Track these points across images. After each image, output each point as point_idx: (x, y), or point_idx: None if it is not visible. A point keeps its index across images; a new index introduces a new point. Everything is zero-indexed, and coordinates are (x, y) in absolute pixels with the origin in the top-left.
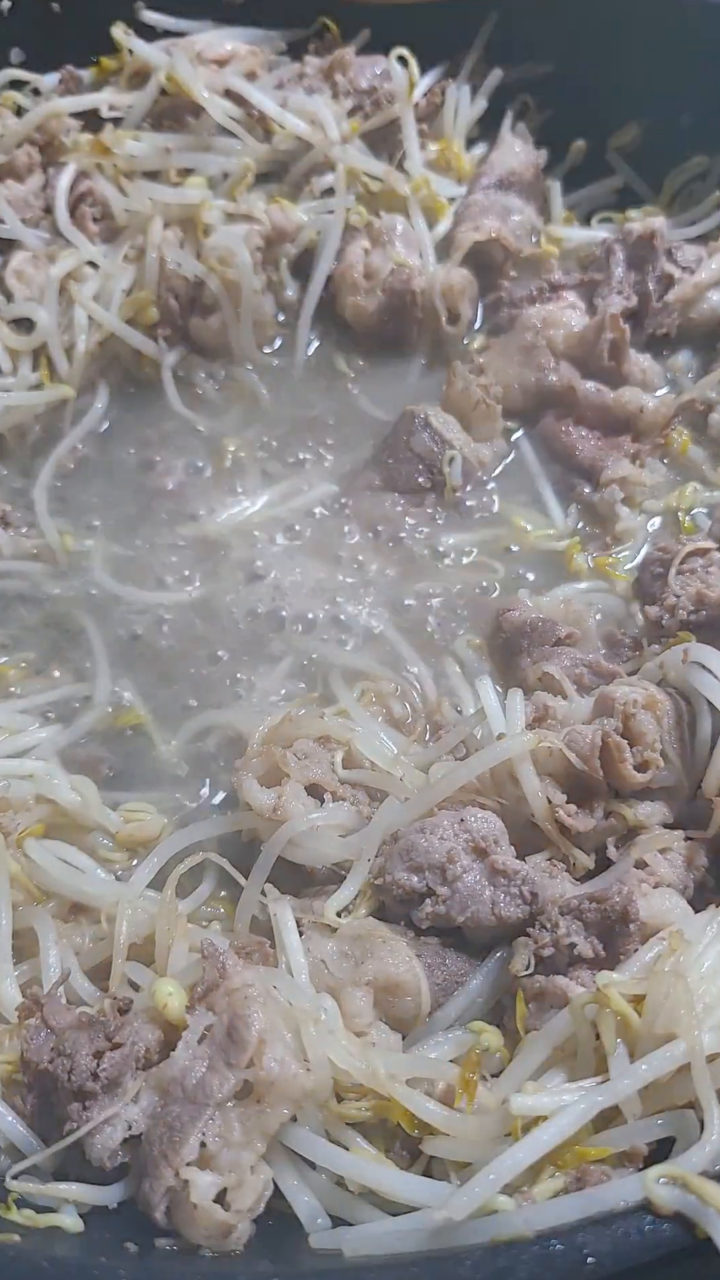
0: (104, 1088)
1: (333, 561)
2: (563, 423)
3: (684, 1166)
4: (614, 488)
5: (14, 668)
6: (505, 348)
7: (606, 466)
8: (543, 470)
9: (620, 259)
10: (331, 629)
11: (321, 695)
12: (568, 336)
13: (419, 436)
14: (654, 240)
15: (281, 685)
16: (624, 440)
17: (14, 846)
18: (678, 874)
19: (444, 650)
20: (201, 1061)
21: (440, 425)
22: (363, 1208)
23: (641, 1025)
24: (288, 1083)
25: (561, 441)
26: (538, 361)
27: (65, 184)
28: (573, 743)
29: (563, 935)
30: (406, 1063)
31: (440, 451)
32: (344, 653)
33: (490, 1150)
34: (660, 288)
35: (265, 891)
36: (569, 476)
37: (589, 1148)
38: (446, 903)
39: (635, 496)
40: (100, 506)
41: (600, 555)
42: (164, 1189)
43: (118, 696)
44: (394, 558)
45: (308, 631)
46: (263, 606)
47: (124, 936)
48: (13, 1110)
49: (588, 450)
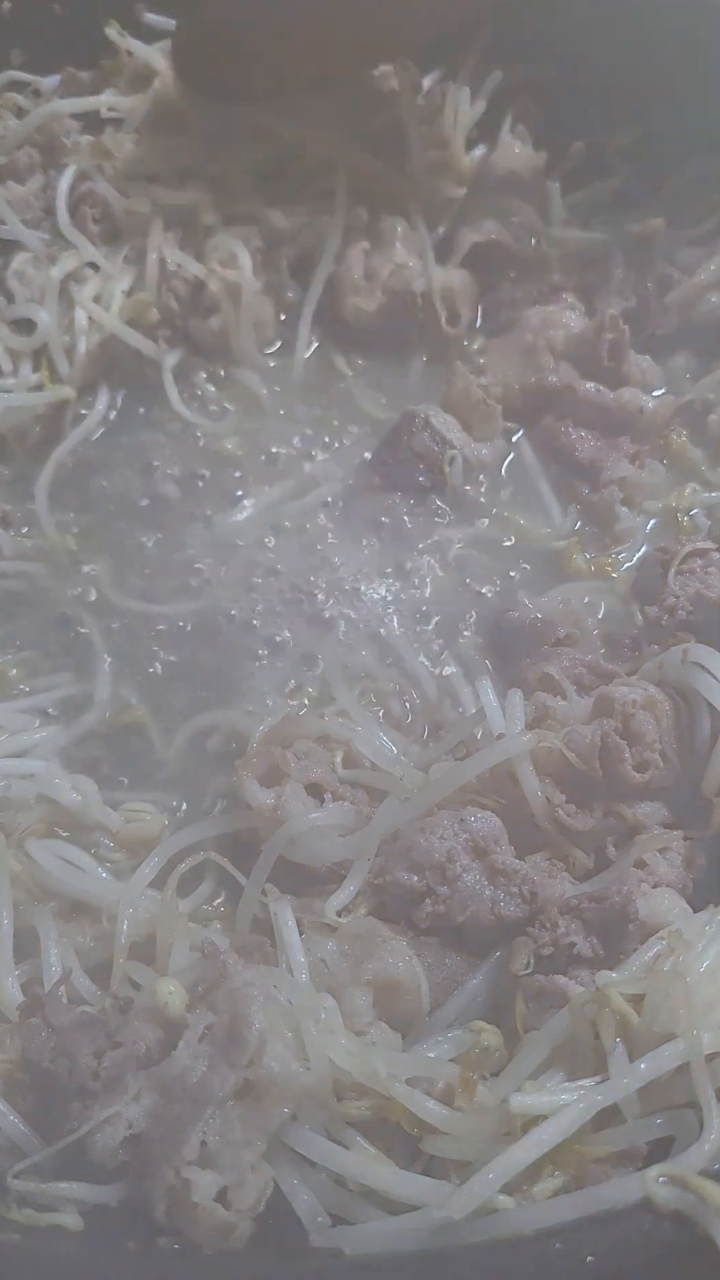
0: (104, 1087)
1: (333, 562)
2: (562, 423)
3: (683, 1166)
4: (613, 488)
5: (14, 668)
6: (505, 349)
7: (606, 467)
8: (542, 470)
9: (619, 260)
10: (332, 629)
11: (321, 695)
12: (567, 338)
13: (419, 437)
14: (653, 242)
15: (282, 685)
16: (623, 441)
17: (15, 846)
18: (677, 873)
19: (444, 650)
20: (202, 1060)
21: (441, 425)
22: (362, 1206)
23: (641, 1024)
24: (288, 1082)
25: (560, 441)
26: (538, 362)
27: (66, 186)
28: (572, 743)
29: (562, 935)
30: (406, 1062)
31: (441, 452)
32: (344, 652)
33: (490, 1149)
34: (659, 289)
35: (266, 891)
36: (568, 476)
37: (588, 1147)
38: (446, 902)
39: (635, 497)
40: (100, 507)
41: (599, 555)
42: (164, 1188)
43: (118, 696)
44: (394, 558)
45: (308, 631)
46: (262, 606)
47: (125, 935)
48: (14, 1110)
49: (587, 450)
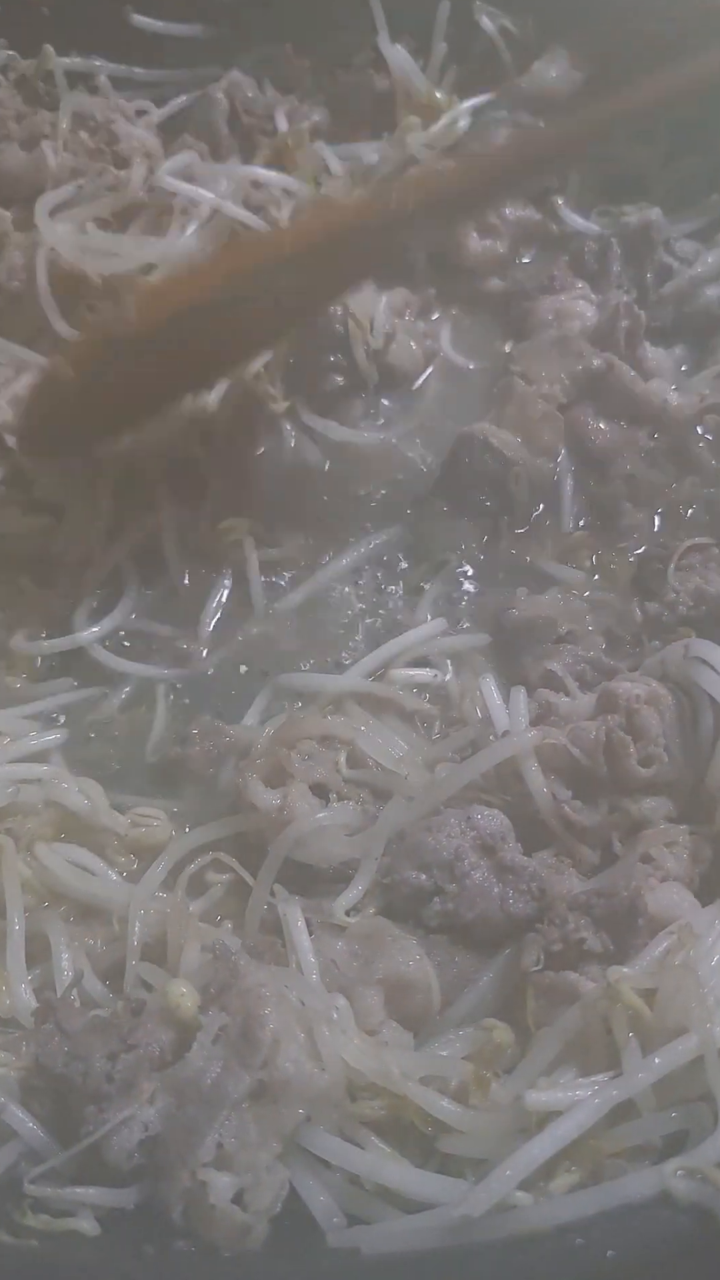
0: (119, 1090)
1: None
2: (583, 411)
3: (700, 1159)
4: (619, 483)
5: (20, 672)
6: (537, 348)
7: (616, 461)
8: (569, 468)
9: (617, 253)
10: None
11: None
12: (583, 329)
13: (480, 459)
14: (650, 233)
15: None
16: (640, 434)
17: (24, 851)
18: (683, 868)
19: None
20: (216, 1062)
21: (500, 444)
22: (378, 1206)
23: (653, 1019)
24: (302, 1083)
25: (577, 432)
26: (575, 349)
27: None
28: (576, 739)
29: (571, 931)
30: (419, 1061)
31: (505, 471)
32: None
33: (505, 1146)
34: (657, 280)
35: (274, 892)
36: (579, 468)
37: (604, 1142)
38: (455, 900)
39: (642, 493)
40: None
41: (604, 552)
42: (181, 1190)
43: (124, 699)
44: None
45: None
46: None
47: (137, 937)
48: (31, 1115)
49: (602, 441)
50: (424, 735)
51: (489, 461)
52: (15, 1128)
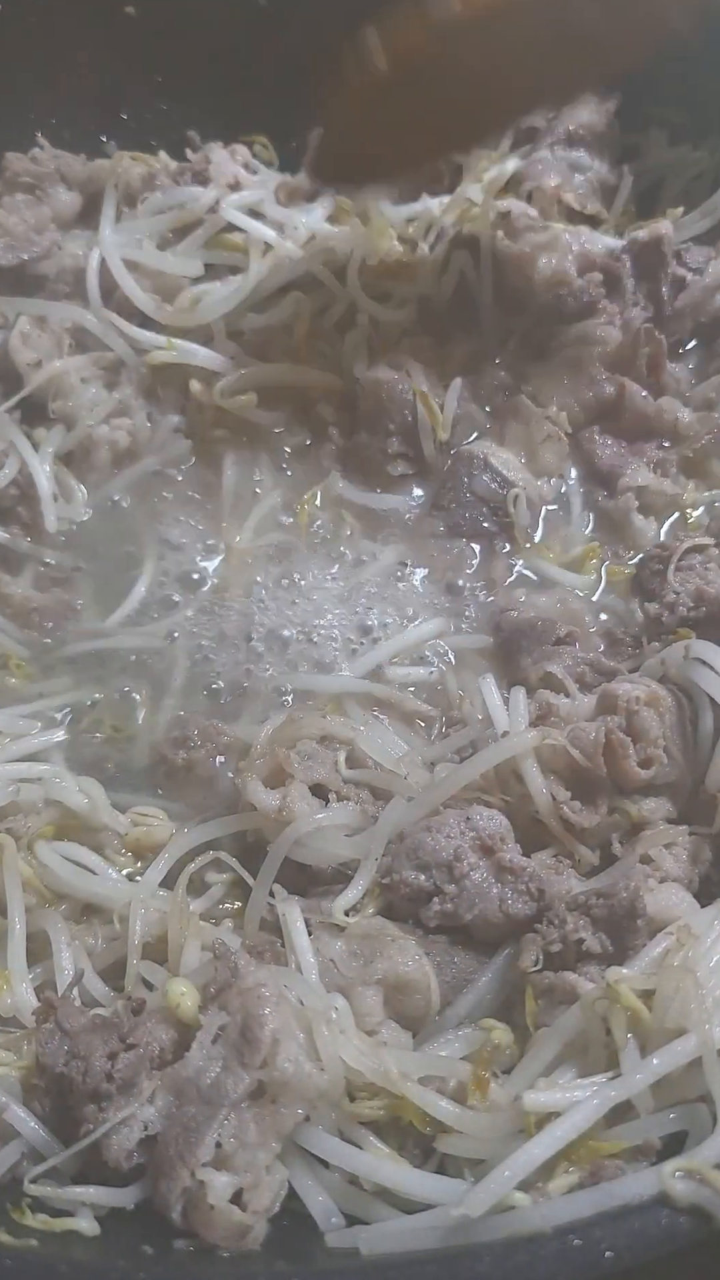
0: (119, 1089)
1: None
2: (589, 429)
3: (698, 1159)
4: (629, 495)
5: (20, 671)
6: (551, 370)
7: (624, 474)
8: (579, 488)
9: (629, 270)
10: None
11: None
12: (603, 354)
13: (479, 479)
14: (661, 246)
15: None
16: (648, 447)
17: (25, 850)
18: (682, 869)
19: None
20: (216, 1062)
21: (500, 464)
22: (377, 1206)
23: (652, 1020)
24: (301, 1082)
25: (584, 448)
26: (589, 375)
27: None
28: (576, 740)
29: (571, 931)
30: (418, 1061)
31: (504, 491)
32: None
33: (504, 1147)
34: (673, 292)
35: (274, 892)
36: (587, 483)
37: (602, 1142)
38: (454, 900)
39: (654, 505)
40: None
41: (614, 563)
42: (180, 1190)
43: (124, 698)
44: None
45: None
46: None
47: (138, 936)
48: (32, 1115)
49: (607, 457)
50: (424, 735)
51: (488, 481)
52: (16, 1127)
